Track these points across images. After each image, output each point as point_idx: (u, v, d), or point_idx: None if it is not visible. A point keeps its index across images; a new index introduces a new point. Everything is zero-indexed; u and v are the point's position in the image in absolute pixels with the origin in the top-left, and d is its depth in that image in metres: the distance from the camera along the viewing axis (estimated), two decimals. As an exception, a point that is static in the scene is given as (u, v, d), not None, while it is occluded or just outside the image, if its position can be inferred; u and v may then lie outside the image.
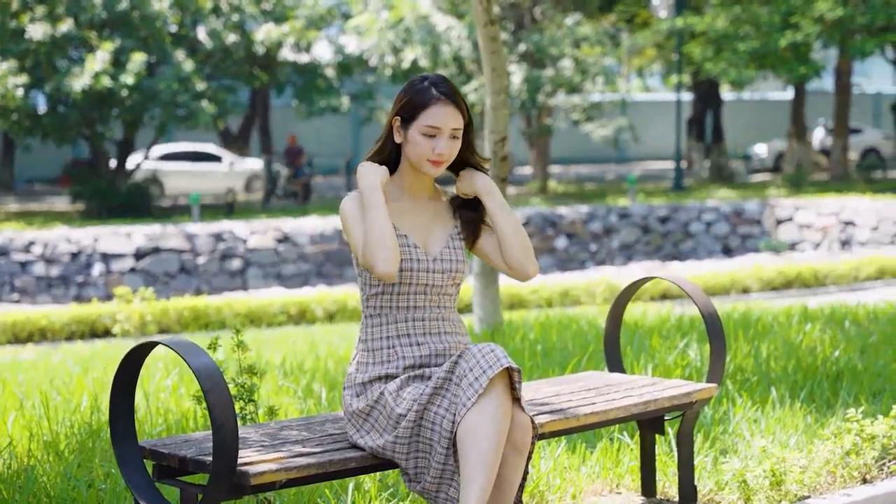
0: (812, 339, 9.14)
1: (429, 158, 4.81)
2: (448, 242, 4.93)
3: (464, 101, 4.88)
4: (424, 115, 4.80)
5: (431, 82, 4.85)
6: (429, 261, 4.84)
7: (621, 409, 5.27)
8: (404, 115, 4.85)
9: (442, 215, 4.99)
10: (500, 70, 10.10)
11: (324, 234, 28.17)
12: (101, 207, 33.52)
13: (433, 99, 4.81)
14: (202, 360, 4.29)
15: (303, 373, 8.84)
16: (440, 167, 4.84)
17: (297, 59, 38.62)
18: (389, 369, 4.78)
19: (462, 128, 4.87)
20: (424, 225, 4.93)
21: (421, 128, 4.80)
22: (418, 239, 4.88)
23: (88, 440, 6.51)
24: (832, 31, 35.59)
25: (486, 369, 4.43)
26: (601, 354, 8.30)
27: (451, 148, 4.81)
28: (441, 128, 4.79)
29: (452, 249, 4.92)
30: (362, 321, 4.95)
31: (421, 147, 4.79)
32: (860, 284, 21.21)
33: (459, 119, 4.84)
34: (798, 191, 36.71)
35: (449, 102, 4.81)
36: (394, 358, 4.80)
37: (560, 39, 36.69)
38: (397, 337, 4.83)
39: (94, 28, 33.33)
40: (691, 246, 31.63)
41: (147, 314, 17.63)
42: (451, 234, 4.96)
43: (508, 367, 4.45)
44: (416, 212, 4.93)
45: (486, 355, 4.47)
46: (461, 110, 4.85)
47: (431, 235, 4.92)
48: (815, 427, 6.66)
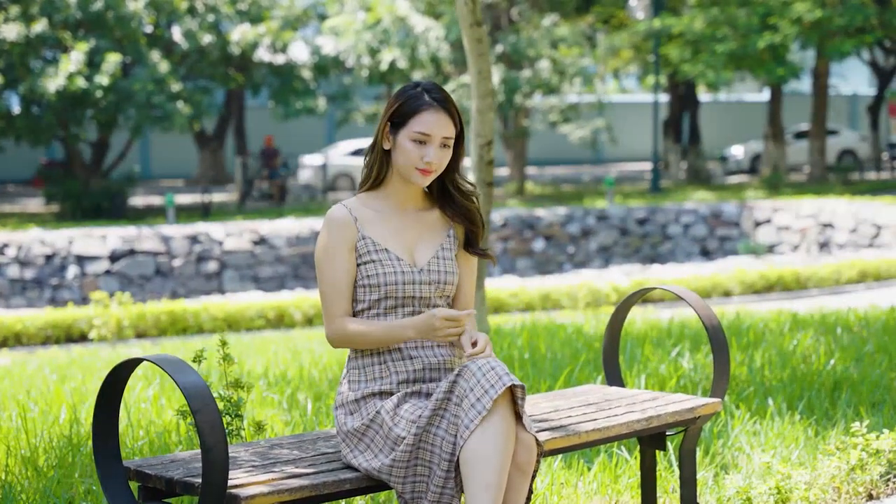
0: (805, 347, 8.98)
1: (417, 167, 4.63)
2: (437, 253, 4.75)
3: (457, 109, 4.70)
4: (415, 121, 4.62)
5: (424, 88, 4.67)
6: (414, 272, 4.67)
7: (623, 426, 5.08)
8: (394, 120, 4.67)
9: (432, 225, 4.80)
10: (486, 73, 9.89)
11: (300, 237, 27.95)
12: (76, 209, 33.27)
13: (425, 105, 4.63)
14: (190, 378, 4.08)
15: (286, 382, 8.64)
16: (429, 176, 4.65)
17: (272, 60, 38.39)
18: (383, 385, 4.60)
19: (453, 137, 4.68)
20: (411, 236, 4.75)
21: (411, 134, 4.62)
22: (402, 251, 4.70)
23: (68, 454, 6.30)
24: (810, 33, 35.52)
25: (489, 389, 4.24)
26: (593, 364, 8.14)
27: (440, 157, 4.63)
28: (431, 135, 4.61)
29: (442, 260, 4.74)
30: None
31: (410, 154, 4.61)
32: (842, 288, 21.10)
33: (451, 128, 4.65)
34: (776, 193, 36.63)
35: (441, 109, 4.63)
36: (386, 374, 4.63)
37: (537, 41, 36.53)
38: (388, 352, 4.65)
39: (68, 28, 33.04)
40: (669, 248, 31.51)
41: (124, 319, 17.40)
42: (443, 243, 4.78)
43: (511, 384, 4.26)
44: (402, 223, 4.75)
45: (487, 373, 4.28)
46: (453, 119, 4.67)
47: (419, 246, 4.74)
48: (816, 440, 6.49)
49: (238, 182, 37.94)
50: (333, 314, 4.65)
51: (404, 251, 4.69)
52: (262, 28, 36.52)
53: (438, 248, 4.75)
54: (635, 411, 5.24)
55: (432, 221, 4.79)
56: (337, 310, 4.65)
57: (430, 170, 4.61)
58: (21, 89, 32.11)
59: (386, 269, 4.62)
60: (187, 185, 44.40)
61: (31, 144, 34.22)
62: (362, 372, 4.65)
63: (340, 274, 4.64)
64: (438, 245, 4.76)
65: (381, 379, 4.62)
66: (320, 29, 39.99)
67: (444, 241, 4.78)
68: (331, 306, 4.64)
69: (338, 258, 4.63)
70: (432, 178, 4.67)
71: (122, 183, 35.27)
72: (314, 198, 39.37)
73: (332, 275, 4.64)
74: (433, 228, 4.78)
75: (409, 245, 4.71)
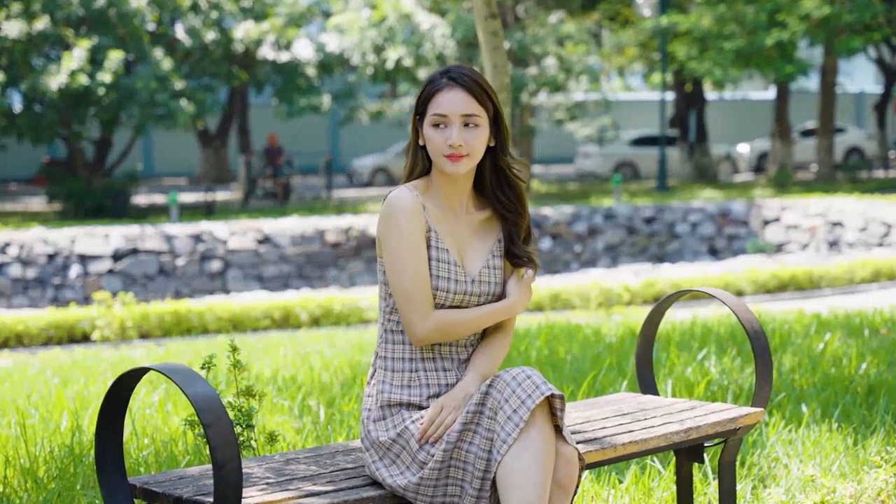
0: (834, 350, 8.66)
1: (443, 153, 4.23)
2: (487, 261, 4.38)
3: (484, 87, 4.28)
4: (431, 106, 4.27)
5: (443, 71, 4.31)
6: (467, 282, 4.31)
7: (662, 438, 4.75)
8: (419, 112, 4.32)
9: (482, 228, 4.42)
10: (501, 67, 9.56)
11: (304, 236, 27.64)
12: (78, 208, 32.98)
13: (439, 86, 4.27)
14: (201, 389, 3.76)
15: (296, 386, 8.32)
16: (459, 163, 4.22)
17: (276, 58, 38.11)
18: (413, 397, 4.25)
19: (481, 115, 4.25)
20: (464, 238, 4.37)
21: (430, 119, 4.26)
22: (456, 254, 4.33)
23: (70, 465, 5.99)
24: (818, 30, 35.21)
25: (525, 399, 3.91)
26: (619, 369, 7.82)
27: (465, 137, 4.21)
28: (448, 114, 4.21)
29: (491, 269, 4.38)
30: (381, 334, 4.40)
31: (434, 141, 4.24)
32: (855, 287, 20.78)
33: (473, 104, 4.23)
34: (783, 191, 36.33)
35: (457, 86, 4.24)
36: (416, 384, 4.27)
37: (543, 38, 36.22)
38: (421, 360, 4.30)
39: (70, 26, 32.74)
40: (677, 247, 31.18)
41: (127, 319, 17.09)
42: (493, 250, 4.41)
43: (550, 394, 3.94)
44: (454, 223, 4.36)
45: (523, 383, 3.95)
46: (475, 95, 4.25)
47: (469, 252, 4.37)
48: (856, 450, 6.16)
49: (242, 180, 37.67)
50: (425, 307, 4.23)
51: (458, 254, 4.33)
52: (266, 25, 36.23)
53: (489, 254, 4.39)
54: (673, 422, 4.92)
55: (482, 224, 4.42)
56: (429, 302, 4.24)
57: (457, 153, 4.21)
58: (23, 87, 31.79)
59: (441, 273, 4.27)
60: (190, 184, 44.15)
61: (33, 143, 33.94)
62: (391, 375, 4.30)
63: (424, 263, 4.24)
64: (489, 252, 4.40)
65: (410, 388, 4.27)
66: (324, 26, 39.71)
67: (493, 247, 4.42)
68: (419, 300, 4.22)
69: (419, 246, 4.23)
70: (466, 165, 4.26)
71: (125, 182, 34.96)
72: (318, 196, 39.13)
73: (416, 265, 4.22)
74: (483, 232, 4.42)
75: (462, 248, 4.35)
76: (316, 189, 42.04)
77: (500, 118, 4.34)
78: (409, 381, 4.28)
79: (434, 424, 4.09)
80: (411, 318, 4.23)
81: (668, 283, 19.62)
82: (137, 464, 6.05)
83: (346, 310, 18.62)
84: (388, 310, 4.35)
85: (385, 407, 4.26)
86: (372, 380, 4.38)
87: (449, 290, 4.27)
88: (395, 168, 45.22)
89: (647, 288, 19.48)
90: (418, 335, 4.23)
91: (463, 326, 4.26)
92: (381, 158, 45.99)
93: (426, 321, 4.22)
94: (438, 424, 4.08)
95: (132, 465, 5.97)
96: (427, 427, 4.09)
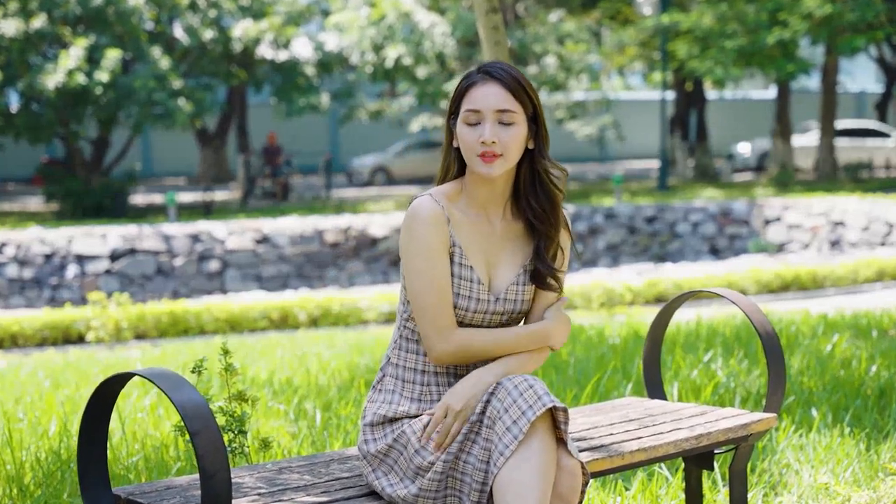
0: (843, 351, 8.46)
1: (476, 152, 3.91)
2: (517, 277, 4.07)
3: (522, 83, 3.94)
4: (465, 101, 3.95)
5: (479, 67, 4.01)
6: (490, 301, 4.02)
7: (671, 445, 4.54)
8: (453, 111, 4.02)
9: (515, 240, 4.10)
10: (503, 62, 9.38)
11: (304, 235, 27.45)
12: (76, 207, 32.81)
13: (473, 81, 3.96)
14: (188, 395, 3.55)
15: (293, 389, 8.12)
16: (494, 162, 3.90)
17: (275, 57, 37.96)
18: (421, 412, 4.00)
19: (517, 111, 3.91)
20: (495, 249, 4.07)
21: (463, 116, 3.94)
22: (483, 270, 4.03)
23: (57, 471, 5.80)
24: (820, 29, 35.01)
25: (526, 410, 3.68)
26: (623, 371, 7.62)
27: (499, 134, 3.88)
28: (481, 110, 3.90)
29: (520, 286, 4.07)
30: (395, 339, 4.14)
31: (466, 139, 3.92)
32: (859, 287, 20.59)
33: (508, 98, 3.90)
34: (785, 190, 36.14)
35: (491, 80, 3.93)
36: (426, 398, 4.03)
37: (543, 36, 36.05)
38: (434, 374, 4.05)
39: (68, 24, 32.57)
40: (678, 247, 30.98)
41: (123, 320, 16.89)
42: (525, 264, 4.10)
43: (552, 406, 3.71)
44: (486, 234, 4.06)
45: (525, 392, 3.72)
46: (510, 89, 3.92)
47: (500, 265, 4.06)
48: (868, 455, 5.96)
49: (240, 180, 37.50)
50: (445, 325, 3.95)
51: (484, 270, 4.03)
52: (265, 24, 36.06)
53: (520, 270, 4.08)
54: (683, 428, 4.71)
55: (518, 235, 4.11)
56: (449, 320, 3.96)
57: (491, 152, 3.88)
58: (20, 86, 31.65)
59: (462, 291, 3.99)
60: (189, 184, 44.01)
61: (31, 142, 33.76)
62: (401, 385, 4.06)
63: (444, 279, 3.94)
64: (520, 267, 4.09)
65: (420, 403, 4.03)
66: (323, 25, 39.56)
67: (525, 262, 4.10)
68: (440, 318, 3.94)
69: (440, 261, 3.94)
70: (500, 167, 3.94)
71: (123, 181, 34.80)
72: (317, 196, 38.96)
73: (438, 280, 3.93)
74: (517, 243, 4.11)
75: (490, 262, 4.04)
76: (315, 188, 41.88)
77: (539, 117, 4.02)
78: (420, 394, 4.05)
79: (442, 432, 3.82)
80: (429, 336, 3.97)
81: (671, 283, 19.43)
82: (127, 470, 5.86)
83: (344, 310, 18.42)
84: (406, 316, 4.09)
85: (389, 417, 4.02)
86: (379, 385, 4.15)
87: (468, 309, 4.00)
88: (394, 167, 45.07)
89: (649, 288, 19.29)
90: (435, 355, 3.97)
91: (484, 353, 3.99)
92: (380, 158, 45.84)
93: (445, 342, 3.96)
94: (445, 431, 3.82)
95: (121, 471, 5.78)
96: (432, 430, 3.84)
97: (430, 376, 4.04)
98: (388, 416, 4.03)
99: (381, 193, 40.42)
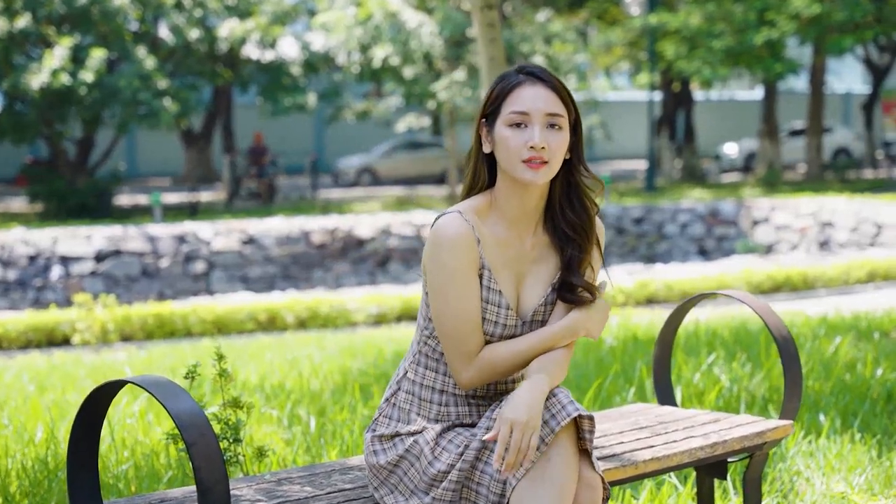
0: (846, 354, 8.29)
1: (522, 158, 3.65)
2: (544, 296, 3.83)
3: (567, 88, 3.74)
4: (508, 103, 3.70)
5: (517, 69, 3.77)
6: (517, 325, 3.78)
7: (685, 454, 4.36)
8: (489, 114, 3.76)
9: (544, 257, 3.85)
10: (498, 59, 9.22)
11: (290, 236, 27.25)
12: (60, 208, 32.59)
13: (518, 81, 3.72)
14: (184, 404, 3.36)
15: (285, 394, 7.92)
16: (542, 169, 3.65)
17: (261, 57, 37.78)
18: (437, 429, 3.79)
19: (564, 115, 3.70)
20: (525, 265, 3.82)
21: (506, 118, 3.69)
22: (511, 293, 3.79)
23: (44, 480, 5.60)
24: (808, 29, 34.92)
25: (549, 420, 3.49)
26: (625, 376, 7.45)
27: (548, 138, 3.65)
28: (530, 112, 3.66)
29: (547, 306, 3.83)
30: (414, 353, 3.90)
31: (510, 143, 3.66)
32: (851, 288, 20.45)
33: (557, 103, 3.69)
34: (773, 191, 36.05)
35: (539, 82, 3.70)
36: (444, 418, 3.82)
37: (531, 36, 35.87)
38: (453, 395, 3.83)
39: (52, 23, 32.35)
40: (666, 248, 30.85)
41: (108, 322, 16.68)
42: (553, 281, 3.85)
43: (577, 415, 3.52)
44: (516, 252, 3.81)
45: (548, 401, 3.53)
46: (559, 93, 3.70)
47: (529, 282, 3.82)
48: (881, 462, 5.78)
49: (226, 181, 37.30)
50: (471, 352, 3.73)
51: (512, 292, 3.79)
52: (251, 23, 35.84)
53: (548, 287, 3.83)
54: (696, 436, 4.54)
55: (545, 252, 3.85)
56: (476, 346, 3.73)
57: (540, 157, 3.64)
58: (4, 86, 31.43)
59: (489, 316, 3.76)
60: (174, 184, 43.79)
61: (15, 142, 33.55)
62: (417, 403, 3.84)
63: (475, 304, 3.71)
64: (548, 284, 3.83)
65: (438, 423, 3.81)
66: (310, 24, 39.34)
67: (553, 279, 3.85)
68: (467, 345, 3.72)
69: (469, 285, 3.69)
70: (546, 174, 3.68)
71: (108, 181, 34.59)
72: (303, 197, 38.80)
73: (466, 307, 3.70)
74: (545, 262, 3.85)
75: (518, 281, 3.81)
76: (301, 189, 41.69)
77: (579, 125, 3.81)
78: (438, 414, 3.83)
79: (512, 450, 3.47)
80: (455, 363, 3.74)
81: (663, 285, 19.28)
82: (116, 479, 5.66)
83: (333, 312, 18.23)
84: (428, 333, 3.85)
85: (396, 437, 3.83)
86: (393, 398, 3.92)
87: (494, 335, 3.77)
88: (380, 168, 44.91)
89: (640, 289, 19.13)
90: (462, 382, 3.75)
91: (514, 370, 3.76)
92: (366, 158, 45.67)
93: (470, 369, 3.74)
94: (515, 448, 3.47)
95: (110, 480, 5.58)
96: (501, 452, 3.48)
97: (448, 396, 3.83)
98: (401, 431, 3.83)
99: (368, 194, 40.25)
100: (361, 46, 35.72)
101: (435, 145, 45.37)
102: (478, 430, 3.68)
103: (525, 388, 3.56)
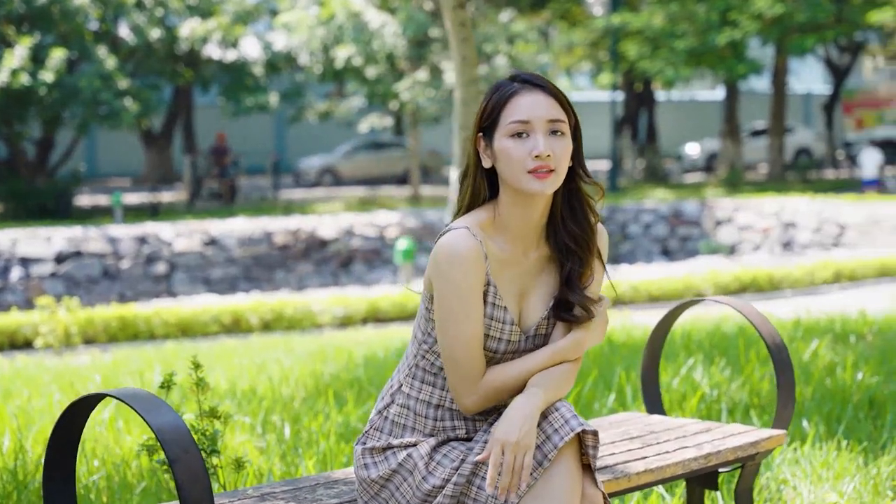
0: (824, 358, 8.21)
1: (527, 168, 3.49)
2: (547, 310, 3.68)
3: (564, 93, 3.60)
4: (506, 113, 3.55)
5: (511, 77, 3.63)
6: (520, 341, 3.65)
7: (679, 465, 4.24)
8: (485, 126, 3.61)
9: (546, 270, 3.71)
10: (470, 59, 9.09)
11: (252, 237, 27.07)
12: (19, 209, 32.31)
13: (514, 90, 3.57)
14: (167, 418, 3.21)
15: (257, 400, 7.77)
16: (549, 178, 3.50)
17: (223, 57, 37.59)
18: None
19: (565, 121, 3.57)
20: (528, 281, 3.68)
21: (506, 128, 3.53)
22: (515, 308, 3.64)
23: (13, 492, 5.44)
24: (771, 29, 35.02)
25: (552, 434, 3.37)
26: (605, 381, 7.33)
27: (553, 146, 3.51)
28: (531, 120, 3.51)
29: (549, 320, 3.69)
30: (410, 365, 3.75)
31: (512, 154, 3.51)
32: (816, 288, 20.47)
33: (557, 108, 3.55)
34: (735, 191, 36.11)
35: (536, 88, 3.56)
36: (440, 434, 3.67)
37: (494, 36, 35.79)
38: (450, 409, 3.68)
39: (11, 23, 32.08)
40: (629, 248, 30.81)
41: (72, 325, 16.45)
42: (554, 294, 3.70)
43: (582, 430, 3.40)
44: (521, 266, 3.66)
45: (550, 415, 3.42)
46: (558, 98, 3.57)
47: (531, 297, 3.67)
48: (867, 470, 5.68)
49: (187, 181, 37.08)
50: (476, 377, 3.59)
51: (516, 307, 3.65)
52: (213, 23, 35.67)
53: (551, 301, 3.68)
54: (689, 447, 4.42)
55: (546, 265, 3.71)
56: (480, 371, 3.60)
57: (546, 165, 3.49)
58: (-37, 86, 31.14)
59: (493, 332, 3.62)
60: (134, 185, 43.48)
61: (-27, 143, 33.30)
62: (412, 418, 3.69)
63: (479, 328, 3.57)
64: (550, 298, 3.69)
65: (433, 437, 3.67)
66: (272, 24, 39.16)
67: (555, 293, 3.70)
68: (472, 369, 3.58)
69: (476, 305, 3.55)
70: (553, 184, 3.53)
71: (68, 182, 34.35)
72: (265, 197, 38.62)
73: (473, 328, 3.56)
74: (546, 275, 3.71)
75: (522, 296, 3.67)
76: (262, 189, 41.49)
77: (578, 129, 3.66)
78: (433, 429, 3.68)
79: (506, 472, 3.36)
80: (457, 388, 3.60)
81: (629, 286, 19.21)
82: (87, 489, 5.50)
83: (298, 314, 18.06)
84: (427, 348, 3.71)
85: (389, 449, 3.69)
86: (385, 411, 3.77)
87: (498, 351, 3.64)
88: (342, 168, 44.79)
89: (606, 291, 19.02)
90: (467, 407, 3.61)
91: (514, 388, 3.61)
92: (328, 158, 45.56)
93: (473, 394, 3.60)
94: (509, 470, 3.36)
95: (81, 492, 5.41)
96: (495, 475, 3.38)
97: (444, 411, 3.68)
98: (394, 445, 3.69)
99: (329, 194, 40.10)
100: (324, 46, 35.57)
101: (397, 145, 45.29)
102: (475, 445, 3.55)
103: (518, 404, 3.45)
